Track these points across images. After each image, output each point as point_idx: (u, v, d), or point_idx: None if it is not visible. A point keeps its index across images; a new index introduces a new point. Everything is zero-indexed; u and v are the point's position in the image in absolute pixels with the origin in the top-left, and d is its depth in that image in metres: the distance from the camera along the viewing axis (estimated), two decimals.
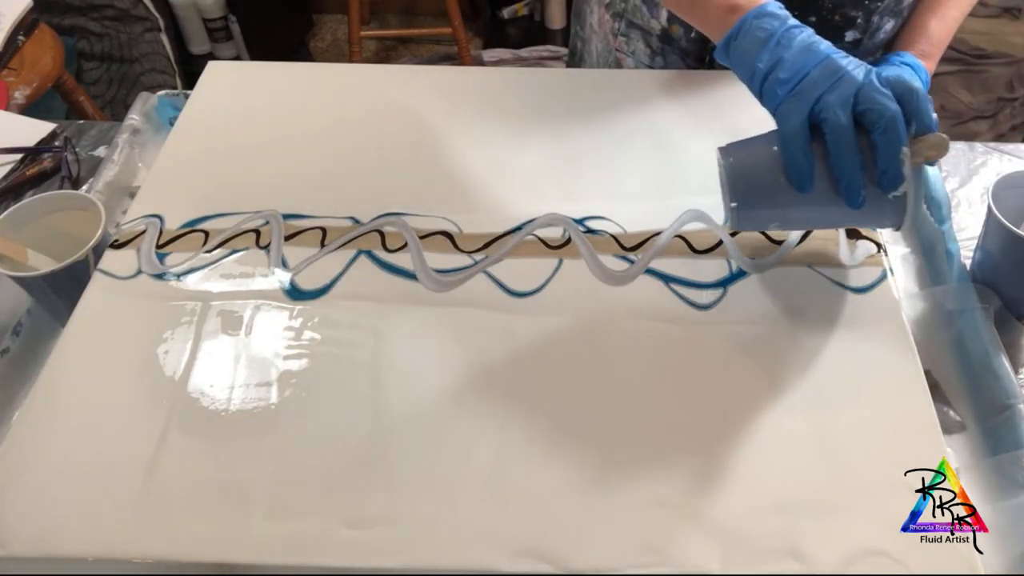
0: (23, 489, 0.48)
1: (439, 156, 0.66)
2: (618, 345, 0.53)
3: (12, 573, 0.47)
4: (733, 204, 0.51)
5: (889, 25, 0.76)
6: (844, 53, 0.50)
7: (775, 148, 0.50)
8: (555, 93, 0.72)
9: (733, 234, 0.59)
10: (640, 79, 0.74)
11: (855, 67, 0.49)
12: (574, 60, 0.93)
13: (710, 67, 0.79)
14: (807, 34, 0.51)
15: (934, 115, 0.48)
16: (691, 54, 0.79)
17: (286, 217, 0.61)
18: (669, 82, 0.73)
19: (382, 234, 0.60)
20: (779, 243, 0.59)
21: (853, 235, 0.59)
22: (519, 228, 0.60)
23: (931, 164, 0.50)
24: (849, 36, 0.76)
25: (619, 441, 0.49)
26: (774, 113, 0.50)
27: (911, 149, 0.47)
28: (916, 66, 0.74)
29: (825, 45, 0.50)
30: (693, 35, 0.77)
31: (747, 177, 0.51)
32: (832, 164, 0.48)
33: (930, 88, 0.74)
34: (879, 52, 0.79)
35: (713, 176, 0.65)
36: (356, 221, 0.61)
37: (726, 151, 0.52)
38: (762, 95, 0.51)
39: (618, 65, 0.84)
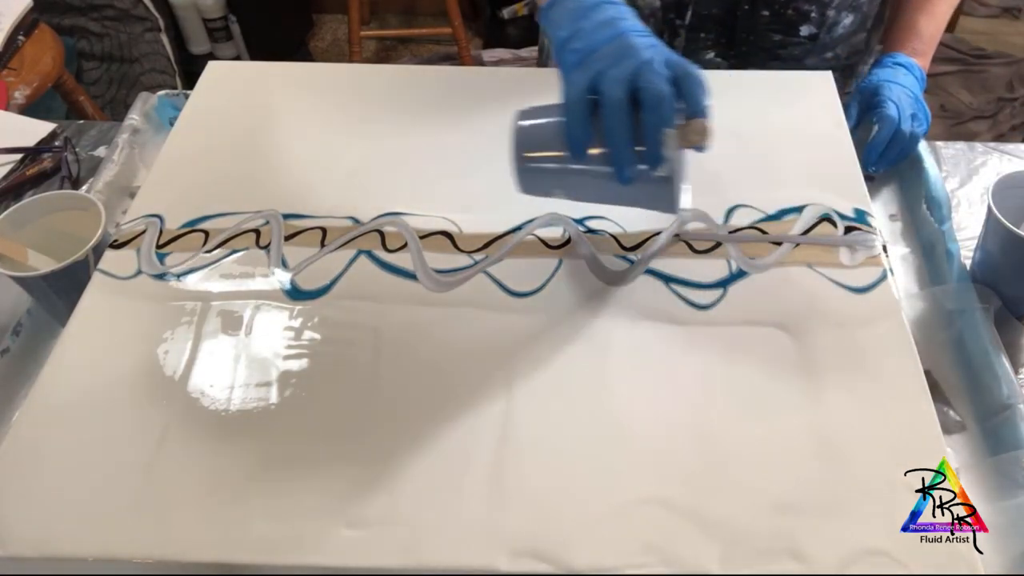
0: (23, 489, 0.48)
1: (439, 156, 0.66)
2: (618, 345, 0.53)
3: (12, 573, 0.47)
4: (517, 165, 0.52)
5: (848, 20, 0.76)
6: (647, 32, 0.50)
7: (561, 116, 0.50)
8: (555, 93, 0.71)
9: (734, 232, 0.59)
10: None
11: (646, 47, 0.49)
12: (542, 58, 0.93)
13: None
14: (616, 11, 0.51)
15: (707, 103, 0.49)
16: None
17: (286, 217, 0.61)
18: None
19: (382, 234, 0.60)
20: (779, 244, 0.59)
21: (851, 232, 0.59)
22: (519, 228, 0.60)
23: (699, 150, 0.50)
24: (804, 31, 0.76)
25: (619, 441, 0.49)
26: (562, 81, 0.51)
27: (679, 133, 0.48)
28: (909, 65, 0.74)
29: (628, 24, 0.50)
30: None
31: (533, 141, 0.52)
32: (605, 136, 0.48)
33: (930, 88, 0.74)
34: (839, 47, 0.79)
35: (713, 175, 0.65)
36: (356, 221, 0.61)
37: (520, 114, 0.53)
38: (559, 63, 0.52)
39: None
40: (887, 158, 0.71)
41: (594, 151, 0.49)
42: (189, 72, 1.88)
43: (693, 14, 0.76)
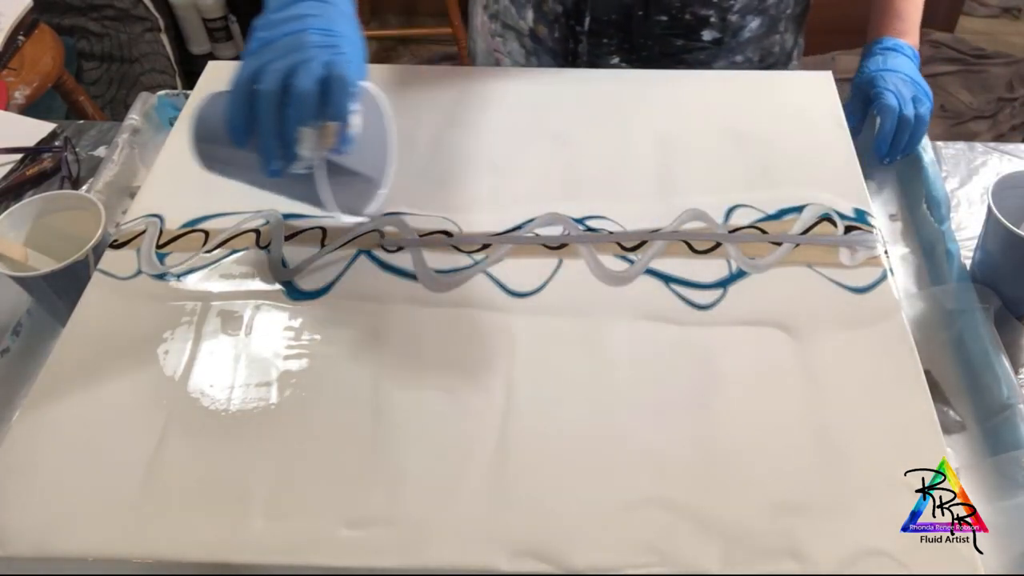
0: (23, 489, 0.48)
1: (439, 156, 0.66)
2: (618, 345, 0.53)
3: (12, 573, 0.47)
4: (192, 143, 0.53)
5: (754, 23, 0.75)
6: (333, 33, 0.51)
7: None
8: (555, 93, 0.71)
9: (733, 232, 0.59)
10: (641, 79, 0.74)
11: (315, 46, 0.49)
12: (470, 63, 0.93)
13: (574, 65, 0.80)
14: (316, 8, 0.52)
15: (350, 107, 0.49)
16: (559, 54, 0.80)
17: (286, 217, 0.61)
18: (669, 82, 0.73)
19: (382, 234, 0.60)
20: (779, 244, 0.59)
21: (851, 232, 0.59)
22: (519, 227, 0.60)
23: (335, 152, 0.50)
24: (707, 36, 0.75)
25: (619, 441, 0.49)
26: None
27: (319, 133, 0.49)
28: (898, 46, 0.73)
29: (317, 22, 0.51)
30: (557, 35, 0.78)
31: (209, 120, 0.52)
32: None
33: (930, 88, 0.74)
34: (748, 50, 0.78)
35: (713, 175, 0.65)
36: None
37: (207, 96, 0.54)
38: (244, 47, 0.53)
39: (497, 65, 0.84)
40: (898, 146, 0.70)
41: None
42: (189, 72, 1.88)
43: (592, 19, 0.76)
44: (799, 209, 0.61)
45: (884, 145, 0.70)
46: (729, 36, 0.76)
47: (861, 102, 0.73)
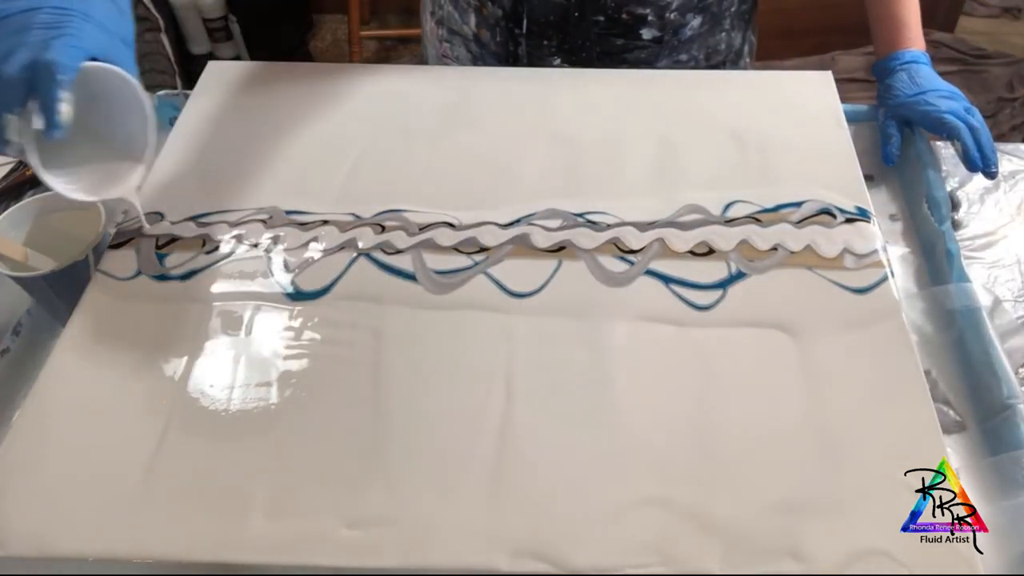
0: (23, 489, 0.48)
1: (439, 155, 0.66)
2: (618, 346, 0.53)
3: (12, 573, 0.47)
4: None
5: (695, 21, 0.75)
6: (66, 12, 0.49)
7: None
8: (555, 91, 0.71)
9: (730, 222, 0.59)
10: (641, 78, 0.74)
11: (43, 27, 0.48)
12: (424, 53, 0.94)
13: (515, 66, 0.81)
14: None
15: (62, 93, 0.47)
16: (502, 57, 0.81)
17: (288, 213, 0.61)
18: (670, 81, 0.73)
19: (383, 228, 0.60)
20: (777, 246, 0.59)
21: (851, 225, 0.59)
22: (518, 222, 0.60)
23: (50, 138, 0.49)
24: (647, 34, 0.75)
25: (619, 441, 0.49)
26: None
27: (22, 119, 0.48)
28: (916, 57, 0.73)
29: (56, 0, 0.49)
30: (499, 39, 0.79)
31: None
32: None
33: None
34: (693, 48, 0.78)
35: (712, 175, 0.65)
36: (357, 218, 0.61)
37: None
38: None
39: None
40: (986, 154, 0.68)
41: None
42: (189, 72, 1.88)
43: (530, 22, 0.76)
44: (798, 204, 0.61)
45: (976, 160, 0.67)
46: (670, 34, 0.75)
47: (901, 127, 0.72)
